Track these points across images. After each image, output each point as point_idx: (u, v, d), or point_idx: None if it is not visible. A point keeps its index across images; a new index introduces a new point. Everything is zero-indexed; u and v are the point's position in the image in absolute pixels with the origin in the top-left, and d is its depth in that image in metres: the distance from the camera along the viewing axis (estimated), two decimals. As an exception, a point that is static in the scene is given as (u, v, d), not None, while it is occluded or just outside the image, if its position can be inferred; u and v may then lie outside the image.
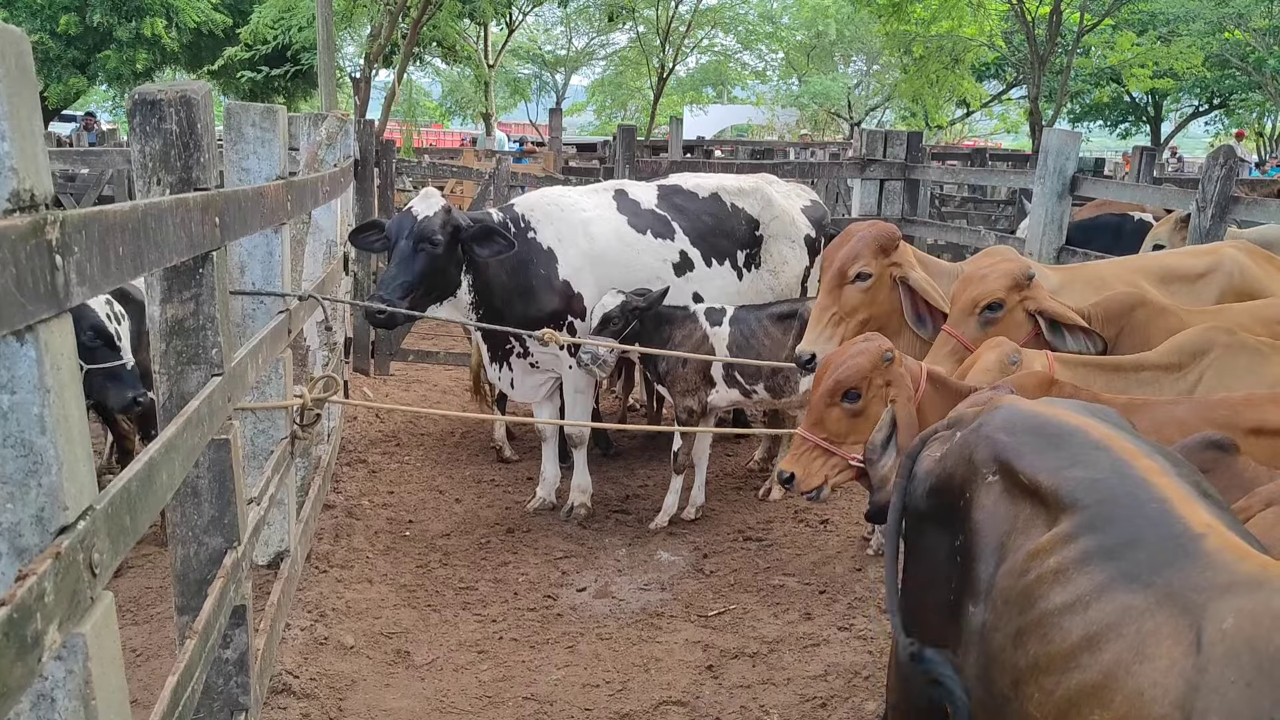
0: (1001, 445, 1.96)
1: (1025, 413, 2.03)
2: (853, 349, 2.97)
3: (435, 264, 4.72)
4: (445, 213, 4.75)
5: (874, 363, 2.89)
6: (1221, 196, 5.19)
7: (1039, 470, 1.85)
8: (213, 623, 2.35)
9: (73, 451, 1.47)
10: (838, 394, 2.93)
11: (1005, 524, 1.87)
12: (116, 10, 20.13)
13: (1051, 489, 1.81)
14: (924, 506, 2.12)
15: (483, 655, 3.86)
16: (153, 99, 2.39)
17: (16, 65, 1.37)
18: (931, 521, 2.10)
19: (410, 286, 4.66)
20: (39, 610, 1.29)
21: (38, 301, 1.35)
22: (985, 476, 1.96)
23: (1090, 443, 1.86)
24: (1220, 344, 3.05)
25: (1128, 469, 1.76)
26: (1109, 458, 1.80)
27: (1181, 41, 22.69)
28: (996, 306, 3.54)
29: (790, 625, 4.12)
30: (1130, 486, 1.72)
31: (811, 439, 2.99)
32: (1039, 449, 1.90)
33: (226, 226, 2.50)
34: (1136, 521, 1.66)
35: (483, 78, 24.69)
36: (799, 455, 3.02)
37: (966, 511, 1.97)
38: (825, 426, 2.98)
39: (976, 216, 12.41)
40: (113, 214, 1.69)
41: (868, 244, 3.69)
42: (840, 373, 2.93)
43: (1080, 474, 1.79)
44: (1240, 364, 3.00)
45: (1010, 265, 3.67)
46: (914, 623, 2.11)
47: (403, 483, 5.65)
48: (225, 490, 2.60)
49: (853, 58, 33.19)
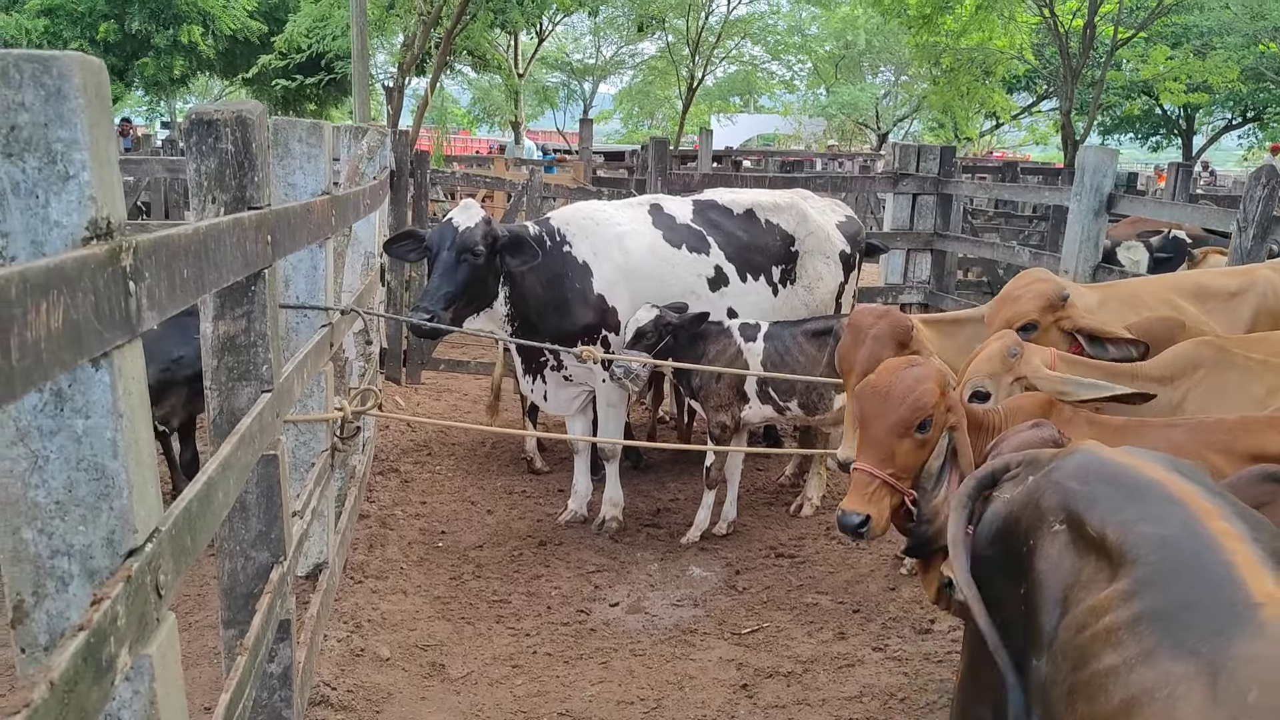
0: (1072, 494, 1.91)
1: (1102, 461, 1.97)
2: (910, 372, 2.75)
3: (477, 274, 4.76)
4: (485, 224, 4.80)
5: (942, 387, 2.72)
6: (1264, 216, 5.14)
7: (1108, 523, 1.79)
8: (261, 638, 2.38)
9: (142, 475, 1.50)
10: (913, 424, 2.67)
11: (1069, 576, 1.81)
12: (154, 18, 20.40)
13: (1117, 543, 1.75)
14: (988, 551, 2.07)
15: (517, 669, 3.87)
16: (209, 119, 2.42)
17: (96, 95, 1.40)
18: (995, 566, 2.05)
19: (453, 297, 4.71)
20: (112, 634, 1.31)
21: (113, 328, 1.38)
22: (1051, 525, 1.90)
23: (1166, 498, 1.79)
24: (1209, 360, 3.09)
25: (1200, 528, 1.70)
26: (1182, 514, 1.74)
27: (1216, 55, 22.49)
28: (1031, 327, 3.58)
29: (824, 645, 4.10)
30: (1198, 546, 1.66)
31: (880, 475, 2.69)
32: (1112, 501, 1.84)
33: (277, 243, 2.52)
34: (1196, 584, 1.60)
35: (512, 86, 24.84)
36: (868, 495, 2.69)
37: (1030, 560, 1.91)
38: (894, 461, 2.70)
39: (1008, 231, 12.35)
40: (177, 238, 1.71)
41: (884, 343, 3.63)
42: (916, 399, 2.68)
43: (1149, 530, 1.73)
44: (1227, 381, 3.03)
45: (1044, 286, 3.68)
46: (972, 677, 2.07)
47: (435, 493, 5.68)
48: (273, 505, 2.63)
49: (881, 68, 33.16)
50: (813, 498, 5.54)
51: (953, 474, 2.64)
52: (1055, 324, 3.54)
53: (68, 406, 1.42)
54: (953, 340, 4.11)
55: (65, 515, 1.44)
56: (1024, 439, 2.45)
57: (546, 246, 5.03)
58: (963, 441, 2.68)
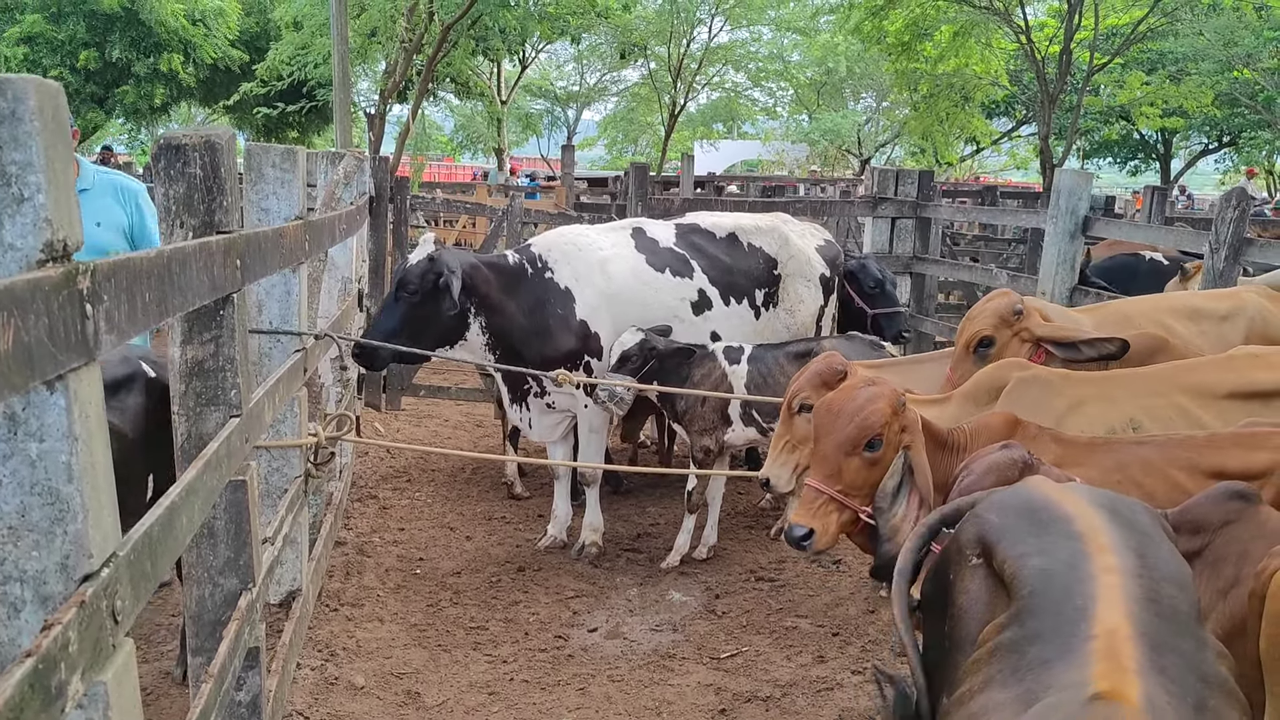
0: (989, 526, 1.88)
1: (1025, 495, 1.95)
2: (862, 392, 2.78)
3: (415, 312, 4.77)
4: (428, 261, 4.77)
5: (894, 407, 2.74)
6: (1235, 238, 5.19)
7: (1008, 556, 1.78)
8: (228, 666, 2.35)
9: (98, 499, 1.48)
10: (861, 442, 2.72)
11: (986, 612, 1.78)
12: (135, 46, 20.44)
13: (1011, 576, 1.73)
14: (926, 588, 2.05)
15: (494, 697, 3.83)
16: (177, 144, 2.42)
17: (53, 119, 1.40)
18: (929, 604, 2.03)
19: (391, 332, 4.75)
20: (63, 660, 1.29)
21: (68, 351, 1.37)
22: (969, 558, 1.88)
23: (1066, 532, 1.77)
24: (1014, 379, 3.22)
25: (1083, 563, 1.68)
26: (1073, 549, 1.72)
27: (1191, 81, 22.81)
28: (988, 342, 3.69)
29: (803, 668, 4.08)
30: (1071, 580, 1.64)
31: (827, 491, 2.75)
32: (1017, 534, 1.81)
33: (247, 268, 2.52)
34: (1053, 617, 1.59)
35: (495, 113, 24.93)
36: (814, 509, 2.75)
37: (952, 594, 1.88)
38: (842, 478, 2.75)
39: (988, 254, 12.43)
40: (139, 261, 1.71)
41: (811, 379, 3.71)
42: (864, 418, 2.71)
43: (1036, 563, 1.71)
44: (1027, 396, 3.13)
45: (996, 303, 3.81)
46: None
47: (413, 519, 5.64)
48: (241, 531, 2.60)
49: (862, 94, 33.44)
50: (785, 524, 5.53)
51: (911, 494, 2.65)
52: (1014, 337, 3.64)
53: (21, 430, 1.40)
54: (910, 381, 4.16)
55: (18, 540, 1.42)
56: (993, 460, 2.45)
57: (528, 273, 5.04)
58: (919, 461, 2.68)
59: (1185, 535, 2.19)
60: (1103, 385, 3.26)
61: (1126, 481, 2.61)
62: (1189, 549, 2.16)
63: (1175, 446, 2.65)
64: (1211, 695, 1.47)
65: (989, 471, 2.37)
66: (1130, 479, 2.60)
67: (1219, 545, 2.22)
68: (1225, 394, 3.16)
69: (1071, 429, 2.96)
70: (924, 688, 1.93)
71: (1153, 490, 2.56)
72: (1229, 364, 3.28)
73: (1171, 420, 3.06)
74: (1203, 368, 3.29)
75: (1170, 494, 2.52)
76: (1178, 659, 1.50)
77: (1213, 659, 1.56)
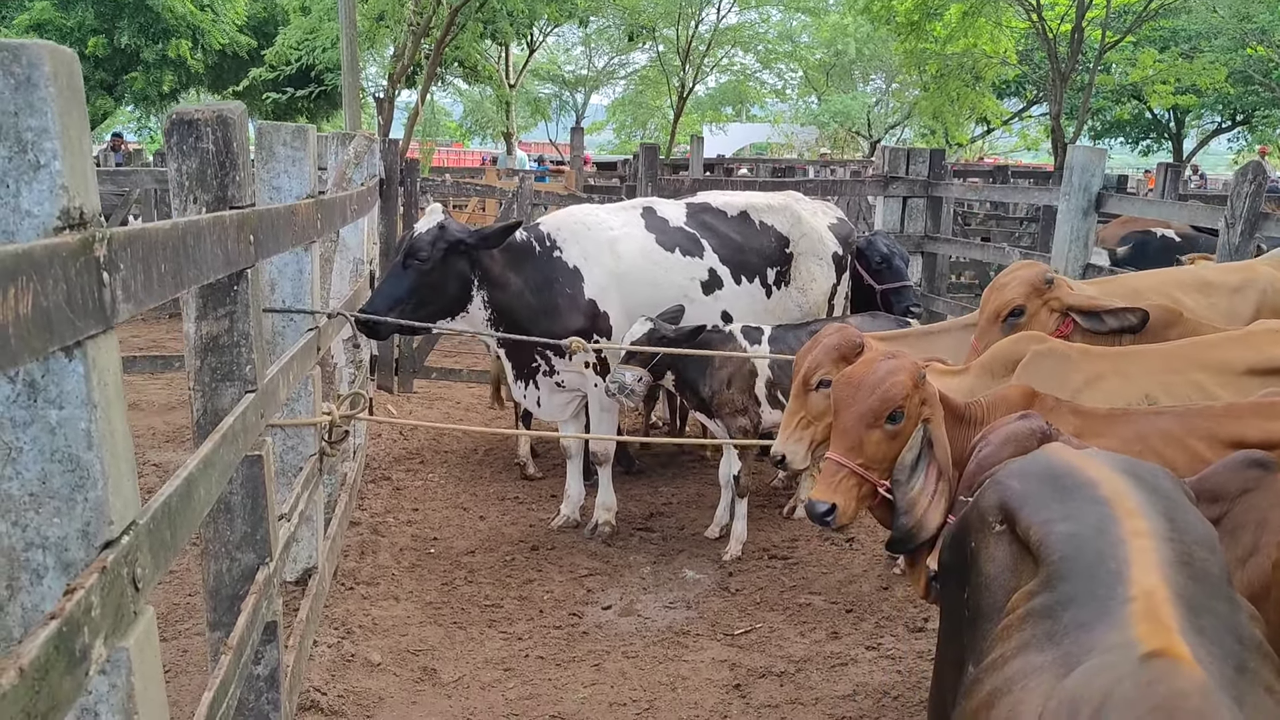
0: (1010, 493, 1.87)
1: (1046, 461, 1.93)
2: (883, 364, 2.76)
3: (426, 279, 4.75)
4: (439, 229, 4.77)
5: (915, 379, 2.71)
6: (1250, 212, 5.15)
7: (1033, 522, 1.77)
8: (246, 639, 2.36)
9: (118, 466, 1.49)
10: (883, 415, 2.68)
11: (1012, 579, 1.77)
12: (143, 32, 20.44)
13: (1038, 542, 1.72)
14: (945, 557, 2.06)
15: (509, 673, 3.85)
16: (190, 119, 2.42)
17: (68, 85, 1.39)
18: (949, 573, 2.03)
19: (397, 300, 4.72)
20: (86, 624, 1.30)
21: (86, 318, 1.37)
22: (992, 525, 1.87)
23: (1092, 497, 1.76)
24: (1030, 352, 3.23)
25: (1113, 527, 1.67)
26: (1100, 513, 1.71)
27: (1204, 58, 22.61)
28: (1019, 312, 3.69)
29: (817, 644, 4.09)
30: (1102, 544, 1.63)
31: (848, 465, 2.71)
32: (1041, 500, 1.80)
33: (260, 244, 2.52)
34: (1087, 581, 1.58)
35: (504, 97, 24.89)
36: (836, 483, 2.71)
37: (974, 562, 1.87)
38: (864, 451, 2.71)
39: (999, 234, 12.38)
40: (155, 232, 1.71)
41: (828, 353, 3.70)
42: (885, 391, 2.67)
43: (1064, 528, 1.70)
44: (1043, 370, 3.13)
45: (1028, 271, 3.80)
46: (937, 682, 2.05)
47: (427, 500, 5.66)
48: (258, 506, 2.61)
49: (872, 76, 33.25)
50: (806, 500, 5.52)
51: (929, 467, 2.63)
52: (1044, 306, 3.64)
53: (41, 397, 1.41)
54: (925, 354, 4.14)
55: (39, 507, 1.42)
56: (1011, 431, 2.44)
57: (536, 252, 5.02)
58: (938, 434, 2.67)
59: (1204, 504, 2.18)
60: (1119, 361, 3.24)
61: (1147, 452, 2.60)
62: (1207, 517, 2.15)
63: (1194, 416, 2.64)
64: (1250, 657, 1.47)
65: (1007, 442, 2.36)
66: (1150, 449, 2.59)
67: (1237, 513, 2.21)
68: (1244, 370, 3.15)
69: (1088, 404, 2.95)
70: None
71: (1173, 460, 2.55)
72: (1248, 340, 3.26)
73: (1189, 397, 3.04)
74: (1221, 344, 3.27)
75: (1190, 464, 2.51)
76: (1215, 620, 1.49)
77: (1246, 621, 1.55)
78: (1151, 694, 1.26)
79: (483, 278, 4.89)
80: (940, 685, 2.05)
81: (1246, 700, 1.35)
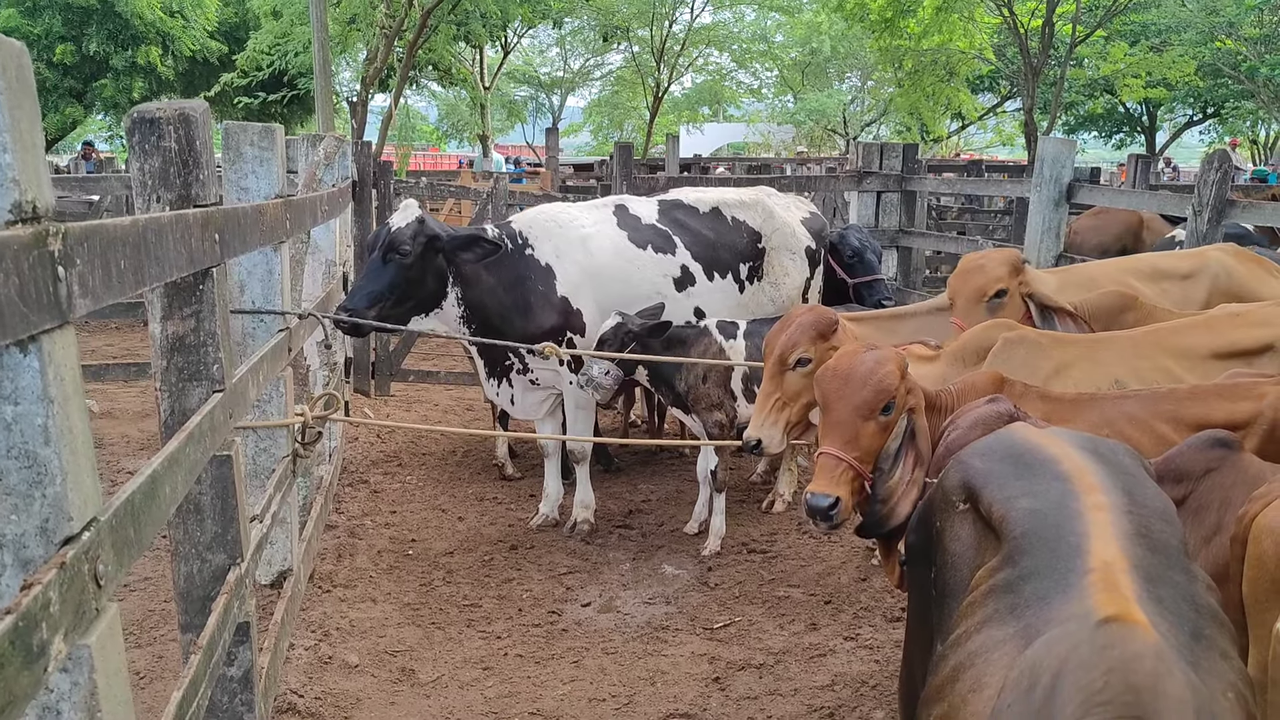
0: (973, 471, 1.89)
1: (1009, 439, 1.95)
2: (869, 355, 2.73)
3: (406, 274, 4.74)
4: (418, 223, 4.76)
5: (902, 369, 2.70)
6: (1217, 200, 5.21)
7: (995, 499, 1.78)
8: (217, 639, 2.34)
9: (77, 462, 1.47)
10: (878, 407, 2.65)
11: (977, 556, 1.79)
12: (112, 39, 20.26)
13: (1000, 519, 1.74)
14: (912, 537, 2.07)
15: (488, 672, 3.84)
16: (151, 117, 2.40)
17: (17, 78, 1.38)
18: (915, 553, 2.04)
19: (378, 296, 4.70)
20: (44, 619, 1.29)
21: (40, 312, 1.36)
22: (955, 504, 1.88)
23: (1054, 474, 1.78)
24: (1001, 339, 3.26)
25: (1072, 502, 1.69)
26: (1061, 489, 1.73)
27: (1173, 51, 22.83)
28: (1003, 294, 3.73)
29: (796, 636, 4.10)
30: (1062, 519, 1.65)
31: (845, 459, 2.66)
32: (1003, 477, 1.82)
33: (226, 243, 2.50)
34: (1047, 555, 1.59)
35: (479, 100, 24.82)
36: (835, 477, 2.65)
37: (939, 542, 1.89)
38: (859, 444, 2.67)
39: (974, 227, 12.45)
40: (113, 227, 1.69)
41: (805, 330, 3.68)
42: (878, 382, 2.64)
43: (1025, 504, 1.72)
44: (1014, 358, 3.17)
45: (1008, 252, 3.85)
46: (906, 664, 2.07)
47: (405, 502, 5.64)
48: (228, 507, 2.59)
49: (847, 73, 33.36)
50: (784, 494, 5.55)
51: (908, 456, 2.64)
52: (1019, 288, 3.69)
53: (-5, 393, 1.39)
54: (894, 336, 4.15)
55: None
56: (979, 415, 2.46)
57: (507, 249, 5.01)
58: (921, 424, 2.68)
59: (1168, 484, 2.21)
60: (1089, 348, 3.28)
61: (1113, 435, 2.62)
62: (1172, 497, 2.17)
63: (1159, 399, 2.67)
64: (1206, 624, 1.49)
65: (975, 426, 2.38)
66: (1117, 433, 2.61)
67: (1201, 493, 2.24)
68: (1209, 354, 3.20)
69: (1057, 390, 2.98)
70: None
71: (1139, 443, 2.58)
72: (1211, 324, 3.31)
73: (1156, 381, 3.09)
74: (1186, 330, 3.32)
75: (1156, 446, 2.54)
76: (1172, 590, 1.52)
77: (1203, 590, 1.58)
78: (1107, 657, 1.28)
79: (457, 274, 4.89)
80: (910, 665, 2.07)
81: (1201, 665, 1.37)
